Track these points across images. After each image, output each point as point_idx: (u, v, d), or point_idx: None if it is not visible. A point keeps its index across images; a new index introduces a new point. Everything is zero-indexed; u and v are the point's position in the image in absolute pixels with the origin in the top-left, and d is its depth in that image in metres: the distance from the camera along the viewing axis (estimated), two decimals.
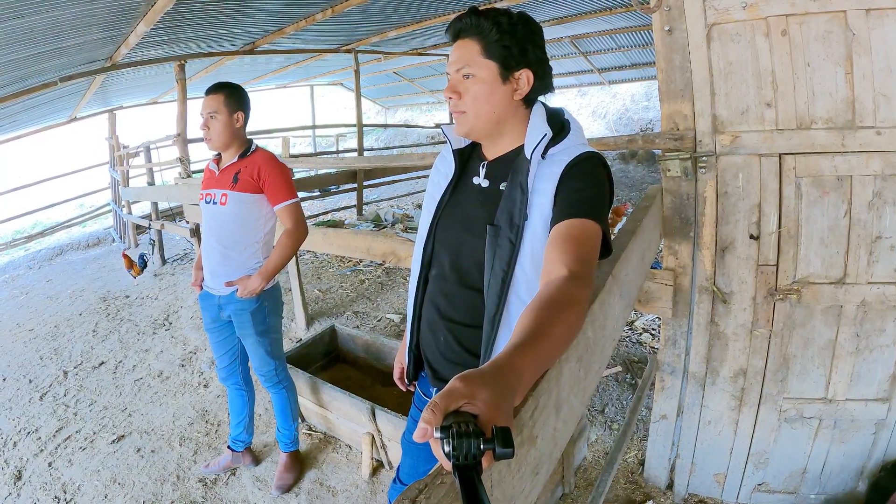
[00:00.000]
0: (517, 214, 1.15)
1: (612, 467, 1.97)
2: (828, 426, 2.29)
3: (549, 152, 1.18)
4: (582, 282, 0.94)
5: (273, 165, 2.45)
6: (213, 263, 2.51)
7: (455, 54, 1.20)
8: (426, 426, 0.59)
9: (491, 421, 0.59)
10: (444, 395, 0.62)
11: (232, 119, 2.41)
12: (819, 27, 1.91)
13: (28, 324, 5.57)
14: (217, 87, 2.42)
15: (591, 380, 1.05)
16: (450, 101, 1.22)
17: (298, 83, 13.07)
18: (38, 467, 3.11)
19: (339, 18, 5.85)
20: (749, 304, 2.22)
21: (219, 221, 2.47)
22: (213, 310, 2.61)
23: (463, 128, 1.23)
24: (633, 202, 8.58)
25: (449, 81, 1.23)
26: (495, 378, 0.66)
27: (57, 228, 10.75)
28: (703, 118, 2.12)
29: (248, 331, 2.56)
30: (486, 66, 1.17)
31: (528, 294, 1.16)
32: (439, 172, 1.38)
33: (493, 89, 1.18)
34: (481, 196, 1.26)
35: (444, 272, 1.29)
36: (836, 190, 2.03)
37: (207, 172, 2.59)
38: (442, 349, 1.30)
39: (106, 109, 9.25)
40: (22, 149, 11.50)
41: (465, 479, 0.54)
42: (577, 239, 1.03)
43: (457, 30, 1.20)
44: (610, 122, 13.53)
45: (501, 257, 1.15)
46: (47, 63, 4.96)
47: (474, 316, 1.22)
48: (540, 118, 1.21)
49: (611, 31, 8.22)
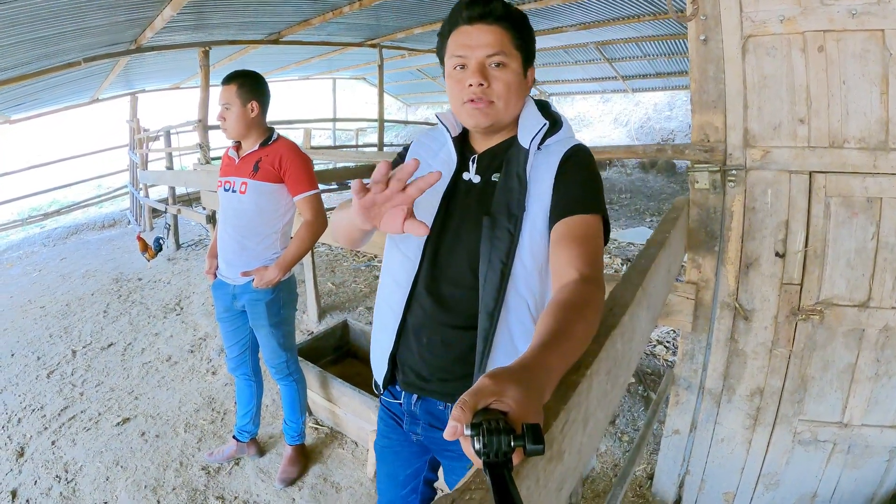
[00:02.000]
0: (515, 205, 1.11)
1: (624, 481, 1.94)
2: (842, 451, 2.24)
3: (545, 143, 1.17)
4: (594, 284, 0.95)
5: (295, 155, 2.42)
6: (229, 252, 2.49)
7: (482, 37, 1.11)
8: (456, 423, 0.59)
9: (521, 418, 0.59)
10: (474, 393, 0.61)
11: (246, 109, 2.39)
12: (856, 45, 1.87)
13: (40, 301, 5.61)
14: (230, 77, 2.40)
15: (616, 393, 1.02)
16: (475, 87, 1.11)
17: (321, 75, 13.09)
18: (41, 445, 3.13)
19: (366, 13, 5.85)
20: (770, 323, 2.18)
21: (237, 210, 2.44)
22: (227, 299, 2.59)
23: (486, 119, 1.14)
24: (651, 211, 8.53)
25: (471, 66, 1.12)
26: (524, 375, 0.66)
27: (74, 208, 10.83)
28: (734, 131, 2.08)
29: (261, 321, 2.54)
30: (516, 58, 1.13)
31: (526, 289, 1.12)
32: (431, 151, 1.29)
33: (521, 82, 1.16)
34: (473, 191, 1.20)
35: (435, 275, 1.21)
36: (865, 211, 1.99)
37: (226, 159, 2.56)
38: (424, 353, 1.23)
39: (128, 92, 9.31)
40: (43, 127, 11.61)
41: (496, 477, 0.53)
42: (582, 239, 1.03)
43: (484, 12, 1.11)
44: (631, 130, 13.46)
45: (499, 249, 1.11)
46: (71, 42, 4.99)
47: (466, 318, 1.16)
48: (534, 109, 1.19)
49: (637, 38, 8.16)
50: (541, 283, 1.14)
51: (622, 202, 9.45)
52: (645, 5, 6.16)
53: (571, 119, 15.45)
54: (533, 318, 1.14)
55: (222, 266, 2.56)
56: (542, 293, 1.15)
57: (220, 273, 2.59)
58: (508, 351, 1.13)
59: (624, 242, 6.80)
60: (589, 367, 0.82)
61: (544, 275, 1.14)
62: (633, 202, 9.40)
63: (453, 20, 1.15)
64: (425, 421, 1.30)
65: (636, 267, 1.36)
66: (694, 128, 2.18)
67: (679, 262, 2.14)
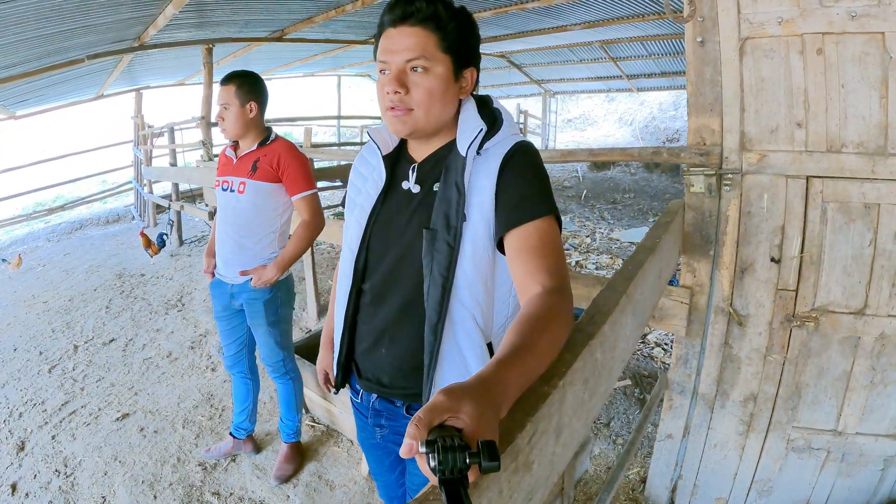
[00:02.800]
0: (454, 216, 1.09)
1: (613, 485, 1.93)
2: (835, 459, 2.23)
3: (483, 147, 1.11)
4: (558, 293, 0.94)
5: (293, 155, 2.43)
6: (227, 252, 2.50)
7: (403, 41, 1.06)
8: (411, 441, 0.58)
9: (476, 434, 0.59)
10: (428, 410, 0.61)
11: (245, 110, 2.39)
12: (856, 48, 1.85)
13: (43, 296, 5.65)
14: (228, 77, 2.41)
15: (596, 402, 1.02)
16: (392, 95, 1.08)
17: (326, 73, 13.08)
18: (42, 439, 3.15)
19: (370, 10, 5.84)
20: (765, 329, 2.17)
21: (235, 210, 2.45)
22: (225, 298, 2.60)
23: (405, 127, 1.12)
24: (654, 211, 8.50)
25: (391, 72, 1.08)
26: (480, 391, 0.65)
27: (78, 203, 10.89)
28: (731, 134, 2.06)
29: (259, 320, 2.56)
30: (442, 61, 1.08)
31: (471, 299, 1.11)
32: (363, 178, 1.29)
33: (447, 87, 1.10)
34: (413, 202, 1.18)
35: (380, 285, 1.21)
36: (862, 217, 1.97)
37: (223, 158, 2.57)
38: (381, 360, 1.24)
39: (133, 88, 9.34)
40: (47, 123, 11.66)
41: (451, 494, 0.53)
42: (539, 250, 1.00)
43: (405, 13, 1.06)
44: (636, 129, 13.44)
45: (440, 262, 1.09)
46: (76, 40, 5.01)
47: (415, 328, 1.16)
48: (472, 112, 1.14)
49: (642, 37, 8.14)
50: (486, 293, 1.13)
51: (625, 202, 9.42)
52: (649, 4, 6.14)
53: (576, 118, 15.43)
54: (481, 330, 1.13)
55: (220, 265, 2.57)
56: (489, 304, 1.14)
57: (218, 272, 2.60)
58: (456, 363, 1.13)
59: (626, 243, 6.79)
60: (562, 378, 0.81)
61: (490, 285, 1.13)
62: (636, 202, 9.37)
63: (381, 23, 1.12)
64: (388, 414, 1.32)
65: (622, 273, 1.35)
66: (690, 130, 2.16)
67: (673, 266, 2.13)
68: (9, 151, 13.48)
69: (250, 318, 2.59)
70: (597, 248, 6.61)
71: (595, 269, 5.83)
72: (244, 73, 2.44)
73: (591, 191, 10.18)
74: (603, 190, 10.30)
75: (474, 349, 1.13)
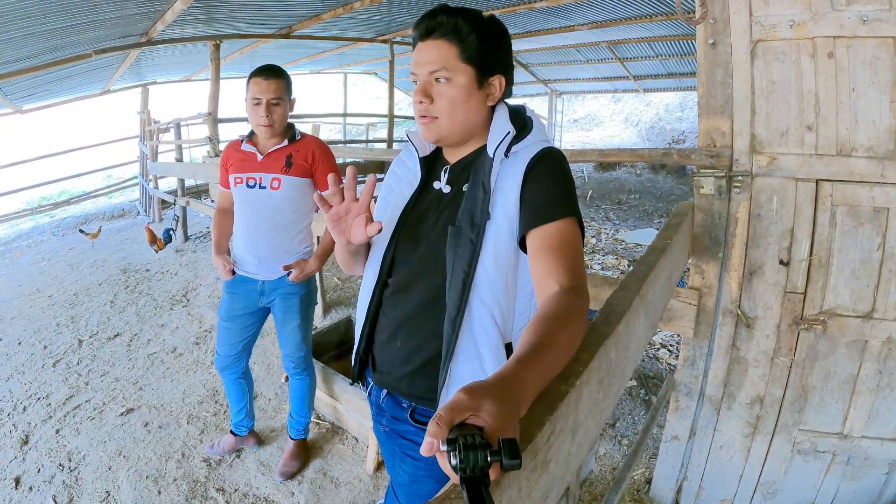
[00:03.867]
0: (478, 214, 1.13)
1: (619, 486, 1.94)
2: (841, 462, 2.23)
3: (511, 150, 1.16)
4: (576, 293, 0.96)
5: (326, 151, 2.47)
6: (261, 249, 2.47)
7: (427, 55, 1.14)
8: (432, 440, 0.59)
9: (497, 432, 0.59)
10: (449, 408, 0.61)
11: (291, 103, 2.41)
12: (867, 52, 1.85)
13: (48, 290, 5.66)
14: (277, 71, 2.36)
15: (609, 401, 1.02)
16: (420, 104, 1.16)
17: (332, 70, 13.10)
18: (46, 433, 3.16)
19: (378, 8, 5.85)
20: (773, 331, 2.17)
21: (269, 206, 2.42)
22: (251, 296, 2.56)
23: (432, 134, 1.19)
24: (660, 213, 8.49)
25: (418, 84, 1.17)
26: (500, 390, 0.66)
27: (83, 198, 10.92)
28: (741, 137, 2.06)
29: (293, 315, 2.57)
30: (464, 71, 1.14)
31: (490, 297, 1.14)
32: (399, 178, 1.36)
33: (470, 95, 1.16)
34: (443, 201, 1.24)
35: (404, 280, 1.26)
36: (871, 221, 1.97)
37: (239, 154, 2.48)
38: (396, 353, 1.27)
39: (139, 84, 9.37)
40: (54, 117, 11.70)
41: (473, 492, 0.53)
42: (559, 250, 1.03)
43: (429, 28, 1.14)
44: (642, 130, 13.42)
45: (462, 258, 1.13)
46: (83, 35, 5.02)
47: (433, 323, 1.19)
48: (503, 117, 1.19)
49: (649, 38, 8.12)
50: (507, 293, 1.15)
51: (631, 203, 9.41)
52: (657, 5, 6.12)
53: (582, 118, 15.41)
54: (499, 329, 1.15)
55: (249, 263, 2.52)
56: (509, 304, 1.16)
57: (244, 269, 2.54)
58: (472, 358, 1.16)
59: (631, 244, 6.78)
60: (579, 377, 0.81)
61: (511, 286, 1.15)
62: (641, 203, 9.36)
63: (413, 38, 1.19)
64: (391, 414, 1.35)
65: (635, 274, 1.35)
66: (700, 132, 2.16)
67: (682, 268, 2.13)
68: (15, 146, 13.52)
69: (284, 313, 2.58)
70: (602, 248, 6.61)
71: (601, 270, 5.82)
72: (280, 67, 2.41)
73: (597, 191, 10.18)
74: (608, 190, 10.30)
75: (491, 347, 1.15)
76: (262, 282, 2.52)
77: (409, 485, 1.31)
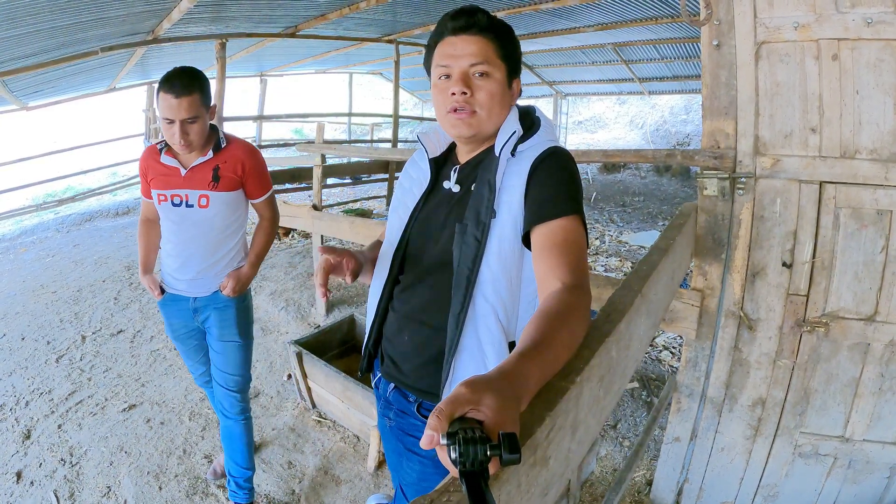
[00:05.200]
0: (484, 211, 1.14)
1: (620, 487, 1.93)
2: (842, 465, 2.22)
3: (518, 149, 1.18)
4: (578, 290, 0.96)
5: (256, 160, 2.24)
6: (193, 268, 2.25)
7: (467, 48, 1.15)
8: (432, 433, 0.59)
9: (497, 426, 0.60)
10: (450, 402, 0.62)
11: (210, 113, 2.12)
12: (871, 54, 1.85)
13: (52, 286, 5.67)
14: (188, 85, 2.00)
15: (610, 400, 1.02)
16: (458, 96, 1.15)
17: (337, 70, 13.14)
18: (48, 428, 3.17)
19: (384, 8, 5.86)
20: (775, 334, 2.16)
21: (200, 226, 2.20)
22: (186, 314, 2.35)
23: (469, 129, 1.18)
24: (664, 215, 8.48)
25: (454, 75, 1.16)
26: (501, 384, 0.66)
27: (88, 195, 10.92)
28: (745, 138, 2.06)
29: (231, 330, 2.34)
30: (500, 68, 1.17)
31: (494, 295, 1.14)
32: (412, 179, 1.38)
33: (504, 92, 1.19)
34: (452, 200, 1.26)
35: (414, 276, 1.28)
36: (874, 224, 1.96)
37: (159, 167, 2.19)
38: (404, 347, 1.30)
39: (145, 82, 9.41)
40: (59, 114, 11.72)
41: (472, 486, 0.54)
42: (562, 247, 1.04)
43: (469, 23, 1.15)
44: (647, 132, 13.40)
45: (467, 255, 1.14)
46: (90, 32, 5.04)
47: (439, 318, 1.21)
48: (513, 117, 1.21)
49: (655, 41, 8.11)
50: (510, 291, 1.16)
51: (635, 205, 9.40)
52: (662, 7, 6.12)
53: (587, 120, 15.40)
54: (503, 327, 1.16)
55: (180, 282, 2.30)
56: (513, 302, 1.17)
57: (174, 288, 2.33)
58: (475, 355, 1.17)
59: (635, 246, 6.77)
60: (580, 374, 0.82)
61: (515, 284, 1.16)
62: (645, 205, 9.34)
63: (439, 31, 1.19)
64: (398, 408, 1.37)
65: (637, 273, 1.36)
66: (704, 134, 2.16)
67: (684, 269, 2.13)
68: (20, 142, 13.55)
69: (220, 329, 2.34)
70: (605, 250, 6.60)
71: (604, 272, 5.82)
72: (194, 72, 2.07)
73: (601, 193, 10.16)
74: (613, 192, 10.29)
75: (494, 344, 1.15)
76: (193, 299, 2.31)
77: (419, 483, 1.32)
